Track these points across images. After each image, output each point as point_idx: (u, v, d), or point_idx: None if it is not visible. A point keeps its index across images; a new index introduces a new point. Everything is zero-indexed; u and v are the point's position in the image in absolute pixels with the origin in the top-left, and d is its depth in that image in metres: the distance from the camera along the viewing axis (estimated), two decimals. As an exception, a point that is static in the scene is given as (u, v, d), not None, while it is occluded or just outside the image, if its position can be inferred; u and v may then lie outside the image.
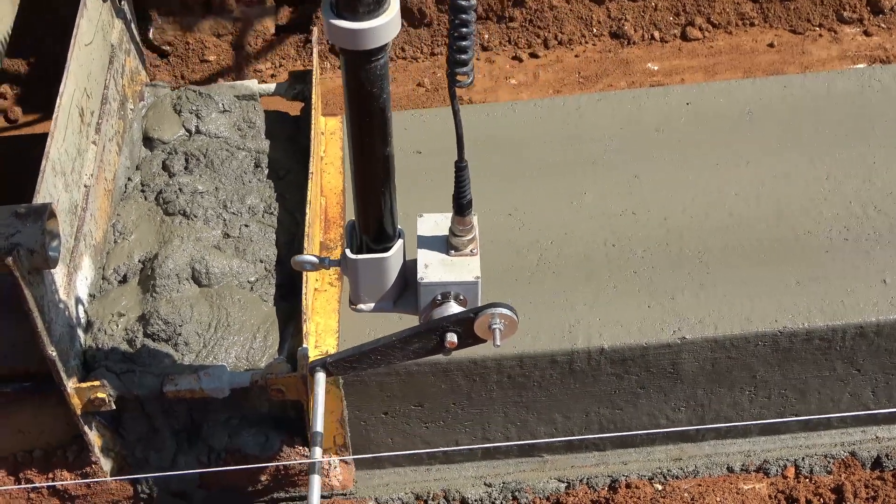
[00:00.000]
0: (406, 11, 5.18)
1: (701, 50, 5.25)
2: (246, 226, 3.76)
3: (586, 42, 5.27)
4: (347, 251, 2.74)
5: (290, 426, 3.59)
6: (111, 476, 3.61)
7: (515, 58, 5.22)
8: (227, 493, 3.74)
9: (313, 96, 3.98)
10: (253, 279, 3.64)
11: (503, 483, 3.76)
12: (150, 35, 5.23)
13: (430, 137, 4.19)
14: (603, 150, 4.07)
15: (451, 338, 2.72)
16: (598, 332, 3.50)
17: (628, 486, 3.71)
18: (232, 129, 4.08)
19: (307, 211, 3.59)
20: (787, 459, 3.79)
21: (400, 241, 2.75)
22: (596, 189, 3.93)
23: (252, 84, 4.20)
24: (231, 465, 3.56)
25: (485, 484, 3.77)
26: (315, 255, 2.84)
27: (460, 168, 2.61)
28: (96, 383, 3.30)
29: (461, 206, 2.68)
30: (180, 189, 3.82)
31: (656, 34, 5.27)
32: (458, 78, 2.37)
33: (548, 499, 3.75)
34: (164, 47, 5.23)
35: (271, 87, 4.22)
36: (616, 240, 3.76)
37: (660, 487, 3.72)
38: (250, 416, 3.60)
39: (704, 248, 3.71)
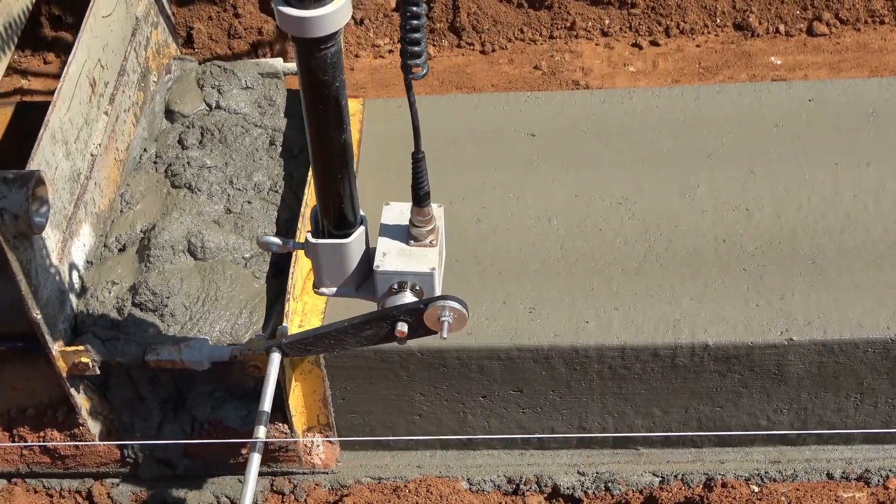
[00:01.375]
0: (527, -8, 5.17)
1: (827, 46, 5.13)
2: (249, 202, 3.82)
3: (709, 32, 5.19)
4: (309, 235, 2.78)
5: (273, 402, 3.60)
6: (99, 439, 3.70)
7: (635, 45, 5.16)
8: (210, 462, 3.80)
9: None
10: (248, 255, 3.69)
11: (597, 473, 3.74)
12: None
13: (545, 120, 4.17)
14: (719, 143, 4.00)
15: (402, 327, 2.78)
16: (703, 328, 3.45)
17: (724, 485, 3.66)
18: (252, 106, 4.14)
19: (305, 191, 3.63)
20: (890, 470, 3.70)
21: (361, 228, 2.78)
22: (709, 182, 3.87)
23: (276, 62, 4.25)
24: (213, 436, 3.62)
25: (578, 472, 3.75)
26: (280, 238, 2.88)
27: (417, 159, 2.63)
28: (80, 348, 3.38)
29: (419, 197, 2.69)
30: (188, 162, 3.89)
31: (781, 27, 5.16)
32: (413, 70, 2.39)
33: (641, 492, 3.71)
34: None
35: (294, 65, 4.24)
36: (727, 235, 3.70)
37: (756, 489, 3.66)
38: (235, 389, 3.65)
39: (818, 249, 3.63)
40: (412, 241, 2.77)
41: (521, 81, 5.07)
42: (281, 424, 3.66)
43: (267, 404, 3.04)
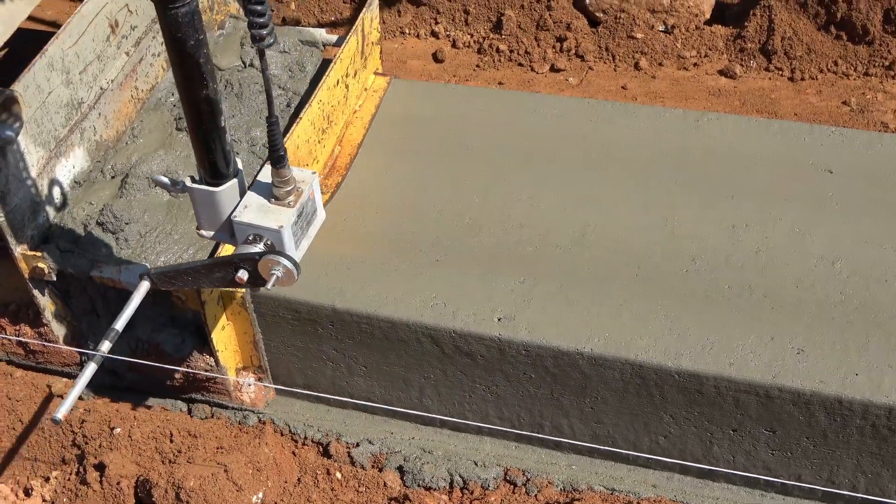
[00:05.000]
0: (847, 25, 4.97)
1: None
2: (237, 154, 3.96)
3: None
4: (187, 179, 3.02)
5: (203, 337, 3.80)
6: (64, 342, 4.06)
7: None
8: (150, 379, 4.00)
9: (343, 50, 4.11)
10: None
11: (838, 531, 3.59)
12: (587, 2, 5.28)
13: (846, 159, 4.01)
14: None
15: (242, 274, 3.01)
16: (982, 404, 3.25)
17: (974, 572, 3.45)
18: (283, 69, 4.39)
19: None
20: None
21: (234, 181, 2.99)
22: None
23: (316, 32, 4.53)
24: (151, 357, 3.85)
25: (819, 526, 3.62)
26: (170, 178, 3.13)
27: (270, 123, 2.83)
28: (38, 254, 3.68)
29: (273, 160, 2.90)
30: None
31: None
32: (261, 39, 2.59)
33: (882, 561, 3.54)
34: (597, 14, 5.27)
35: (333, 37, 4.52)
36: None
37: None
38: (178, 317, 3.86)
39: None
40: (273, 200, 2.98)
41: (825, 114, 4.89)
42: (209, 357, 3.83)
43: (120, 323, 3.17)
